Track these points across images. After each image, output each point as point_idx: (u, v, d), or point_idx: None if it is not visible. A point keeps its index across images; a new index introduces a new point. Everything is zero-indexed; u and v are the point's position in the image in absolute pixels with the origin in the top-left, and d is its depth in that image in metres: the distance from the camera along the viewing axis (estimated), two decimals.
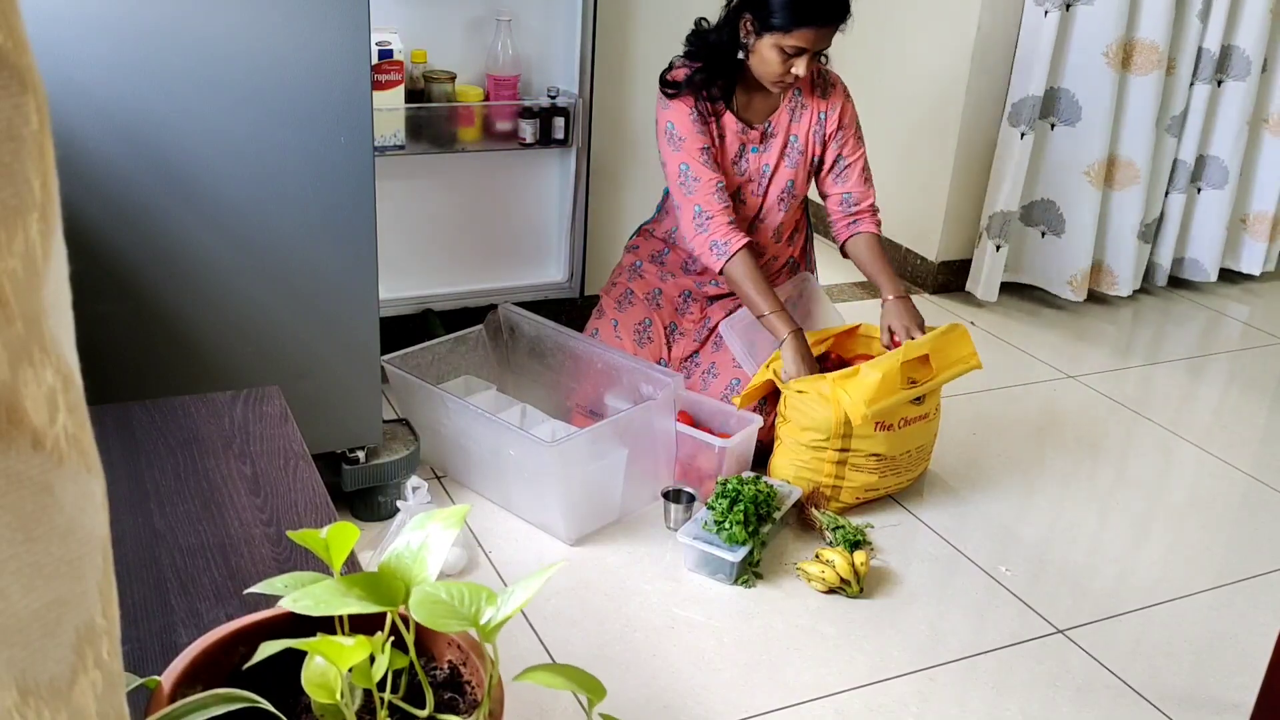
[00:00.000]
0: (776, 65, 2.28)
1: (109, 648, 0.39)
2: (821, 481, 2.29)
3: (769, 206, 2.48)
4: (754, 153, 2.43)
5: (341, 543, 0.78)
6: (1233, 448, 2.76)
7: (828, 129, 2.46)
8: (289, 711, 0.76)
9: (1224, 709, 1.87)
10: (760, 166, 2.44)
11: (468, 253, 2.82)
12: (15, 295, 0.32)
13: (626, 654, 1.89)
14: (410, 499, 2.06)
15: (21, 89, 0.32)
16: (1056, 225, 3.49)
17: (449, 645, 0.82)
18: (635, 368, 2.34)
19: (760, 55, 2.29)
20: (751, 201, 2.46)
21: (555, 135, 2.70)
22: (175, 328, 1.86)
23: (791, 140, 2.45)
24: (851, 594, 2.07)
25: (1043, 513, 2.41)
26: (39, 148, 0.33)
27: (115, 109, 1.71)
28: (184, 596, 1.10)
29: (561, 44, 2.70)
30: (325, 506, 1.26)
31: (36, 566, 0.35)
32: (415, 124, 2.57)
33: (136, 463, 1.31)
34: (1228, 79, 3.53)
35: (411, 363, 2.37)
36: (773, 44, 2.25)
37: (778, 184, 2.46)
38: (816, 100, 2.44)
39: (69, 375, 0.35)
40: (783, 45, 2.25)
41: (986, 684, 1.89)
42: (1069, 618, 2.07)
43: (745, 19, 2.28)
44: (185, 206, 1.80)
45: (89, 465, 0.37)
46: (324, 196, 1.89)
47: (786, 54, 2.26)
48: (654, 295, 2.55)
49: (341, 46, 1.81)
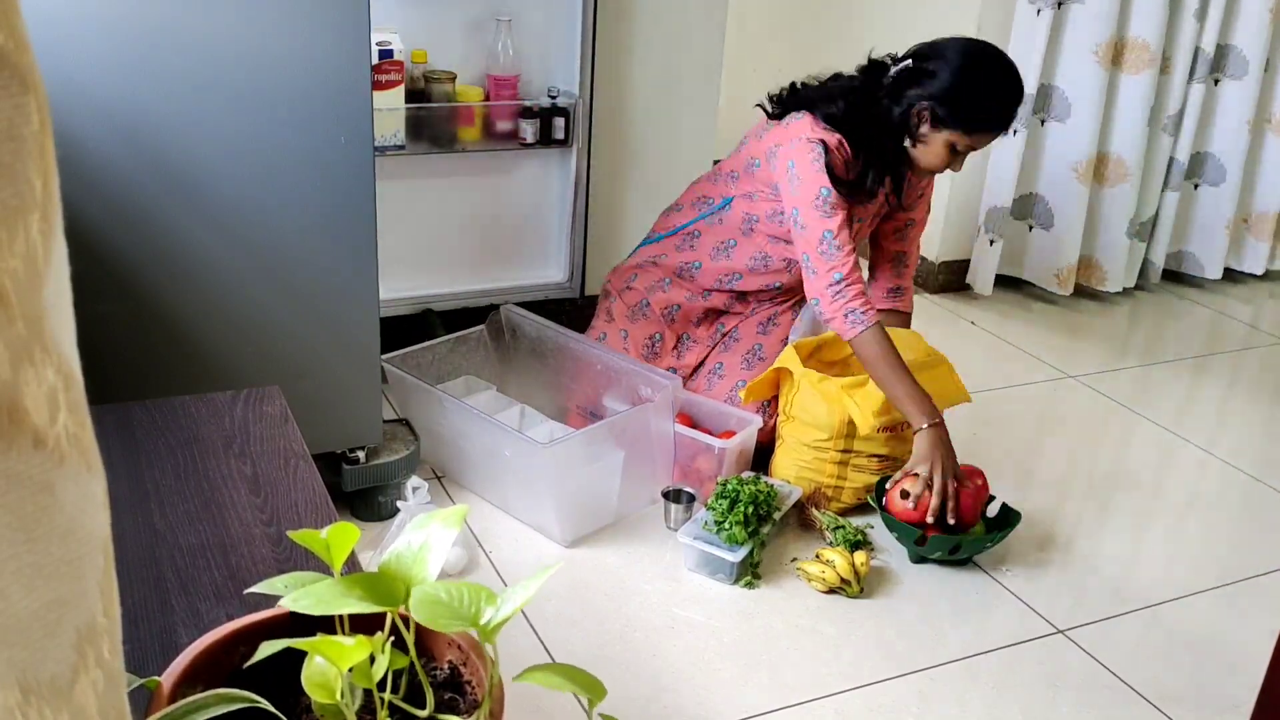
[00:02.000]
0: (944, 159, 2.22)
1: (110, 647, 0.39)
2: (823, 482, 2.29)
3: None
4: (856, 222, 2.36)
5: (342, 543, 0.78)
6: (1234, 448, 2.76)
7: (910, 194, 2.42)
8: (289, 712, 0.76)
9: (1224, 709, 1.87)
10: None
11: (468, 253, 2.82)
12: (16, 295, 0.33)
13: (626, 654, 1.90)
14: (410, 499, 2.06)
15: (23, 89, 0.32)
16: (1045, 219, 3.52)
17: (449, 645, 0.82)
18: (635, 370, 2.34)
19: (932, 148, 2.21)
20: None
21: (555, 135, 2.70)
22: (175, 328, 1.87)
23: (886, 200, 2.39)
24: (852, 594, 2.07)
25: (1043, 512, 2.41)
26: (40, 148, 0.33)
27: (115, 109, 1.71)
28: (184, 596, 1.10)
29: (562, 44, 2.70)
30: (325, 506, 1.26)
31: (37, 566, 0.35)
32: (415, 124, 2.57)
33: (136, 463, 1.31)
34: (1225, 78, 3.54)
35: (412, 363, 2.37)
36: (947, 140, 2.18)
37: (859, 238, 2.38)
38: None
39: (70, 375, 0.35)
40: (957, 143, 2.19)
41: (986, 684, 1.89)
42: (1069, 618, 2.07)
43: (923, 107, 2.18)
44: (185, 206, 1.80)
45: (90, 465, 0.37)
46: (324, 196, 1.89)
47: (957, 152, 2.21)
48: (671, 311, 2.51)
49: (342, 47, 1.81)
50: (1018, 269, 3.63)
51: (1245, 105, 3.54)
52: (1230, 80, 3.53)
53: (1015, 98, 2.22)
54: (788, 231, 2.32)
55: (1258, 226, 3.79)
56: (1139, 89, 3.35)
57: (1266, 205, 3.75)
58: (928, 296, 3.59)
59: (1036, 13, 3.24)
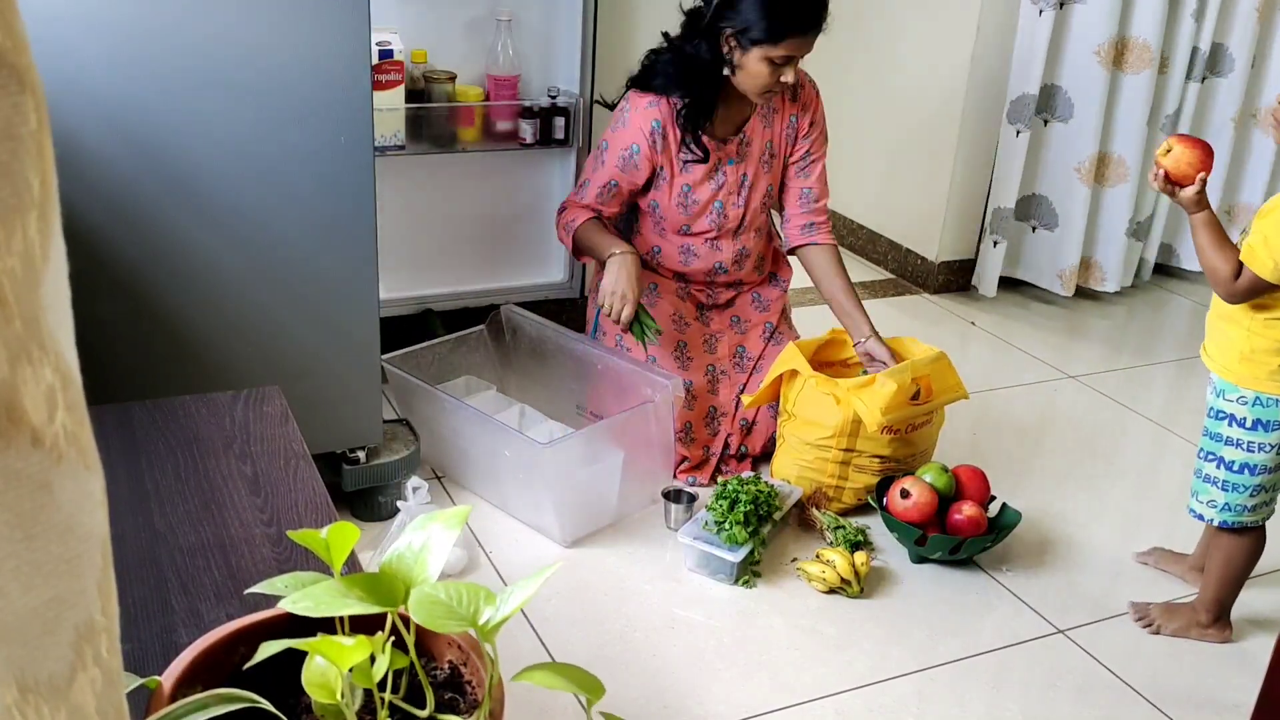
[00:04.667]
0: (766, 77, 2.26)
1: (108, 645, 0.39)
2: (824, 482, 2.29)
3: (753, 213, 2.47)
4: (731, 165, 2.42)
5: (342, 543, 0.78)
6: None
7: (800, 129, 2.46)
8: (289, 712, 0.76)
9: (1224, 709, 1.87)
10: (739, 177, 2.43)
11: (468, 253, 2.82)
12: (14, 294, 0.33)
13: (626, 654, 1.90)
14: (410, 499, 2.06)
15: (20, 88, 0.32)
16: (1049, 220, 3.52)
17: (449, 645, 0.82)
18: (635, 370, 2.34)
19: (749, 70, 2.26)
20: (734, 214, 2.45)
21: (555, 135, 2.70)
22: (175, 328, 1.87)
23: (767, 146, 2.44)
24: (852, 594, 2.07)
25: (1043, 512, 2.40)
26: (38, 147, 0.33)
27: (115, 109, 1.71)
28: (184, 596, 1.10)
29: (561, 44, 2.70)
30: (325, 506, 1.26)
31: (35, 564, 0.35)
32: (415, 124, 2.57)
33: (137, 463, 1.31)
34: (1213, 76, 3.56)
35: (412, 363, 2.37)
36: (761, 57, 2.23)
37: (759, 191, 2.45)
38: (788, 103, 2.44)
39: (68, 373, 0.35)
40: (772, 56, 2.23)
41: (986, 684, 1.89)
42: (1069, 618, 2.07)
43: (726, 36, 2.24)
44: (185, 206, 1.80)
45: (88, 463, 0.37)
46: (324, 196, 1.89)
47: (776, 64, 2.24)
48: (679, 318, 2.51)
49: (342, 46, 1.81)
50: (1017, 270, 3.62)
51: (1231, 102, 3.57)
52: (1217, 78, 3.56)
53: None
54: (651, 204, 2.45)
55: (1240, 219, 3.82)
56: (1139, 89, 3.36)
57: (1250, 198, 3.78)
58: (928, 297, 3.59)
59: (1039, 13, 3.24)
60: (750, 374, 2.50)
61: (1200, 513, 1.96)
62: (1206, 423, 1.92)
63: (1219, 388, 1.88)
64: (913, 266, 3.67)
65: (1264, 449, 1.86)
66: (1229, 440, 1.88)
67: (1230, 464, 1.89)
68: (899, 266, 3.72)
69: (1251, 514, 1.92)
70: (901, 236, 3.71)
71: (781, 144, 2.46)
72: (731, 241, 2.48)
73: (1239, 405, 1.86)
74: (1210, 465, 1.92)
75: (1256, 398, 1.84)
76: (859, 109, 3.74)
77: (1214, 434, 1.90)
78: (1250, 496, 1.90)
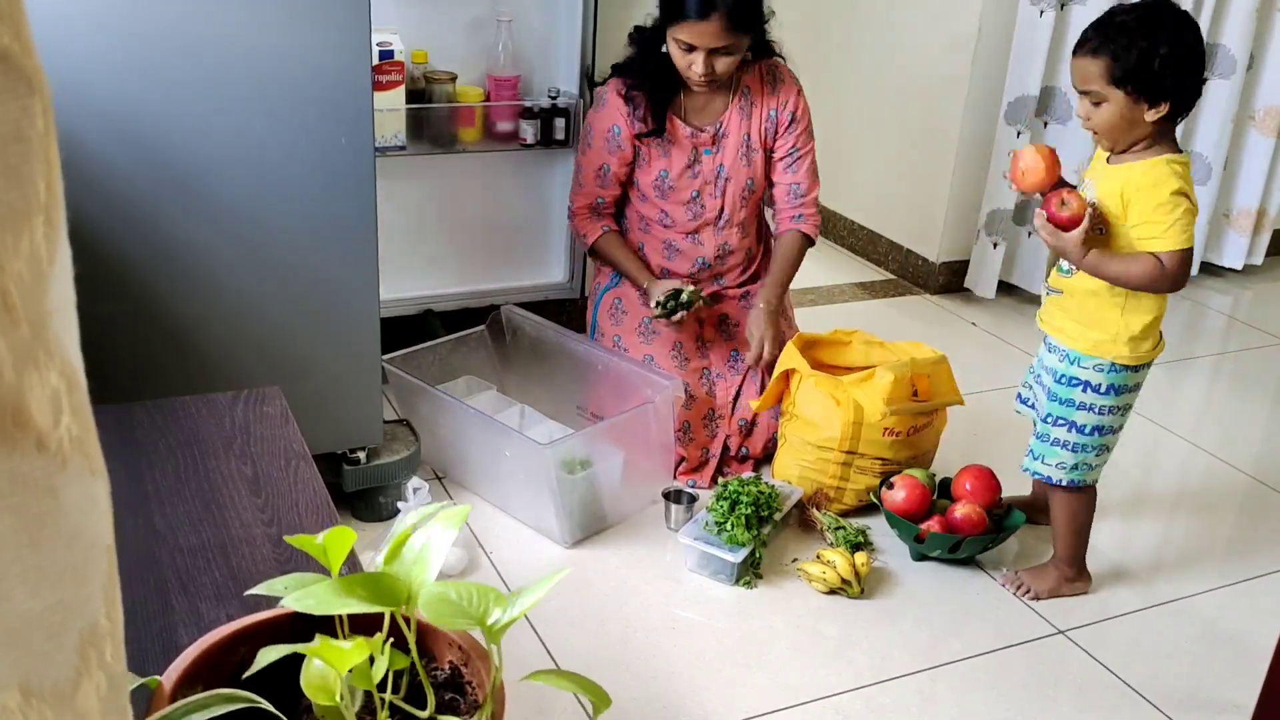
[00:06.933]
0: (681, 62, 2.29)
1: (112, 650, 0.39)
2: (825, 483, 2.29)
3: (731, 206, 2.47)
4: (707, 155, 2.43)
5: (339, 547, 0.78)
6: (1231, 447, 2.76)
7: (780, 123, 2.46)
8: (289, 711, 0.76)
9: (1224, 709, 1.87)
10: (715, 168, 2.44)
11: (468, 253, 2.82)
12: (21, 298, 0.32)
13: (627, 654, 1.89)
14: (411, 500, 2.06)
15: (29, 91, 0.32)
16: None
17: (450, 646, 0.82)
18: (635, 370, 2.34)
19: (672, 54, 2.30)
20: (711, 204, 2.46)
21: (556, 136, 2.69)
22: (176, 328, 1.86)
23: (744, 139, 2.44)
24: (852, 595, 2.07)
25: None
26: (45, 150, 0.33)
27: (115, 109, 1.71)
28: (185, 597, 1.10)
29: (562, 44, 2.70)
30: (326, 507, 1.26)
31: (41, 569, 0.35)
32: (416, 124, 2.57)
33: (137, 463, 1.31)
34: (1213, 76, 3.55)
35: (412, 363, 2.37)
36: (672, 39, 2.28)
37: (736, 184, 2.46)
38: (766, 97, 2.44)
39: (73, 378, 0.35)
40: (678, 39, 2.26)
41: (987, 684, 1.89)
42: (1069, 618, 2.07)
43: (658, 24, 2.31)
44: (186, 207, 1.80)
45: (93, 468, 0.37)
46: (325, 197, 1.89)
47: (684, 50, 2.27)
48: None
49: (342, 47, 1.81)
50: (1013, 274, 3.59)
51: (1230, 103, 3.56)
52: (1218, 79, 3.55)
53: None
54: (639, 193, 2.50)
55: (1238, 221, 3.82)
56: None
57: (1247, 200, 3.78)
58: (928, 297, 3.59)
59: (1039, 14, 3.24)
60: (745, 376, 2.49)
61: (1048, 474, 2.05)
62: (1054, 389, 2.00)
63: (1072, 356, 1.96)
64: (913, 267, 3.66)
65: (1114, 411, 1.98)
66: (1081, 405, 1.98)
67: (1082, 427, 1.99)
68: (900, 267, 3.72)
69: (1093, 472, 2.04)
70: (902, 237, 3.71)
71: (762, 138, 2.46)
72: (713, 236, 2.48)
73: (1094, 372, 1.95)
74: (1060, 429, 2.01)
75: (1112, 365, 1.93)
76: (859, 109, 3.74)
77: (1065, 399, 1.99)
78: (1096, 456, 2.02)
